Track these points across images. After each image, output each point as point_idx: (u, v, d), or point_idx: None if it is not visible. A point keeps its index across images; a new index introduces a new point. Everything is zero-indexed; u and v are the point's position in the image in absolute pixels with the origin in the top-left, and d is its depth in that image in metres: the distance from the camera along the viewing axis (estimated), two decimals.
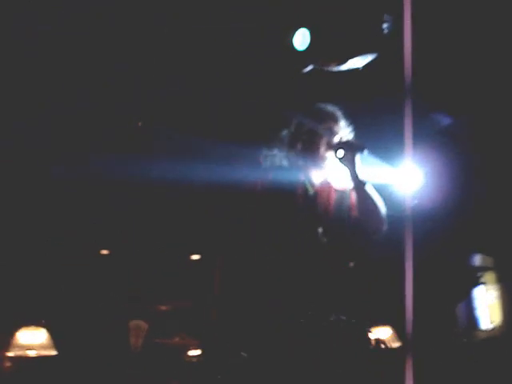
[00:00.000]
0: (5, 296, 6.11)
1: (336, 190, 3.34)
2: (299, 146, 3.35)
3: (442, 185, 6.79)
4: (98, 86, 5.20)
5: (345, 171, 3.29)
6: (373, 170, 6.27)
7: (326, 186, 3.33)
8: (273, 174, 3.26)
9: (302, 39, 3.85)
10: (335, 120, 3.36)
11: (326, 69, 4.04)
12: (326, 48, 3.85)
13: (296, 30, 3.84)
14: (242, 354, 3.15)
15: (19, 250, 6.31)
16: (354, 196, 3.29)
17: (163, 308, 7.93)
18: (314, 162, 3.33)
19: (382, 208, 3.29)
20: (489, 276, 9.85)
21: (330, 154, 3.30)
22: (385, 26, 3.68)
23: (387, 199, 6.59)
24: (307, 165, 3.33)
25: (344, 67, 3.99)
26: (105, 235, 7.11)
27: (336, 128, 3.35)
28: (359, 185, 3.26)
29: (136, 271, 7.41)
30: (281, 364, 3.09)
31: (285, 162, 3.36)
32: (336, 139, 3.31)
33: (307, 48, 3.85)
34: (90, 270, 7.12)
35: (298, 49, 3.92)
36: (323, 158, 3.32)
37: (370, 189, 3.27)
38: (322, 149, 3.31)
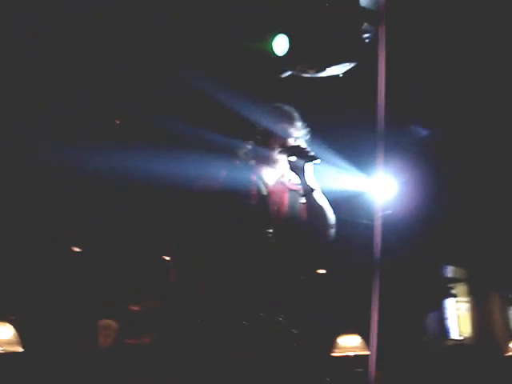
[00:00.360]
0: None
1: (289, 190, 3.31)
2: (251, 144, 3.31)
3: (415, 195, 6.83)
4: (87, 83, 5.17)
5: (295, 175, 3.26)
6: (347, 178, 6.31)
7: (280, 186, 3.30)
8: (227, 171, 3.22)
9: (281, 45, 3.85)
10: (291, 120, 3.32)
11: (304, 75, 4.05)
12: (305, 55, 3.85)
13: (276, 35, 3.85)
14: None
15: None
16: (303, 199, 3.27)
17: (133, 308, 7.90)
18: (267, 162, 3.30)
19: (331, 214, 3.28)
20: (460, 288, 9.95)
21: (282, 156, 3.26)
22: (366, 35, 3.69)
23: (360, 207, 6.64)
24: (260, 164, 3.30)
25: (322, 74, 4.00)
26: (77, 232, 7.06)
27: (291, 129, 3.31)
28: (308, 191, 3.23)
29: (107, 270, 7.37)
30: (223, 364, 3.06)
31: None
32: (290, 141, 3.28)
33: (286, 54, 3.85)
34: (61, 266, 7.07)
35: (277, 54, 3.92)
36: (276, 159, 3.29)
37: (318, 195, 3.24)
38: (275, 149, 3.27)
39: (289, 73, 4.01)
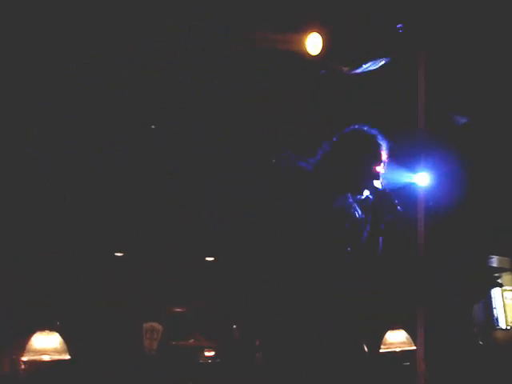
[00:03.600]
0: (19, 300, 6.10)
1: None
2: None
3: (457, 186, 6.73)
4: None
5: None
6: (390, 172, 6.22)
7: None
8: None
9: (314, 44, 3.80)
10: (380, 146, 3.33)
11: (339, 73, 4.00)
12: (339, 52, 3.80)
13: (309, 35, 3.80)
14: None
15: (33, 253, 6.30)
16: None
17: (178, 310, 7.91)
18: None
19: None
20: (506, 277, 9.80)
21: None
22: (398, 30, 3.63)
23: (406, 201, 6.55)
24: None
25: (358, 71, 3.95)
26: (119, 237, 7.09)
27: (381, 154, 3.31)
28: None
29: (150, 273, 7.39)
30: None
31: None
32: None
33: (320, 53, 3.80)
34: (104, 272, 7.11)
35: (310, 53, 3.87)
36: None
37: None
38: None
39: (324, 71, 3.97)
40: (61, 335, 5.96)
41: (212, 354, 7.68)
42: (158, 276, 7.39)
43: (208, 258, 7.80)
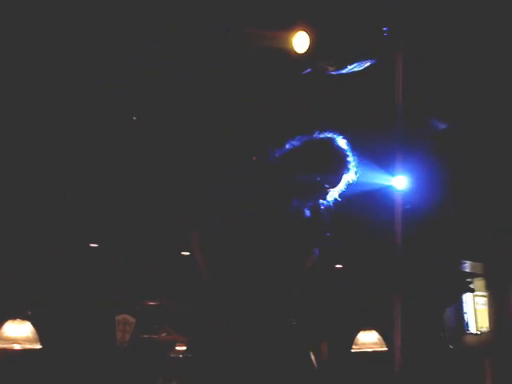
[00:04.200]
0: None
1: None
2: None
3: (432, 190, 6.79)
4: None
5: None
6: (366, 174, 6.25)
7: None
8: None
9: (301, 42, 3.81)
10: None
11: (324, 72, 4.01)
12: (326, 52, 3.81)
13: (296, 32, 3.81)
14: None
15: (5, 242, 6.25)
16: None
17: (151, 303, 7.89)
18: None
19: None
20: (478, 282, 9.89)
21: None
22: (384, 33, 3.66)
23: (380, 203, 6.60)
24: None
25: (342, 71, 3.97)
26: (95, 228, 7.05)
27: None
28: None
29: (125, 265, 7.36)
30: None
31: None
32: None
33: (306, 51, 3.81)
34: (78, 262, 7.06)
35: (297, 51, 3.88)
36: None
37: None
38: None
39: (309, 70, 3.98)
40: (32, 324, 5.92)
41: (184, 348, 7.68)
42: (133, 268, 7.36)
43: (184, 253, 7.79)
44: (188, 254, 7.77)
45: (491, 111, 5.89)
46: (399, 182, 6.77)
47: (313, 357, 3.12)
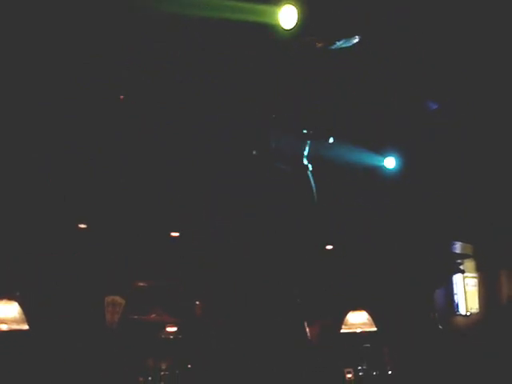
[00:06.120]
0: None
1: None
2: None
3: (424, 171, 6.78)
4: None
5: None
6: (358, 155, 6.25)
7: None
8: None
9: (288, 17, 3.75)
10: None
11: (313, 47, 3.97)
12: (315, 27, 3.76)
13: (283, 7, 3.75)
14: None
15: None
16: None
17: (141, 284, 7.86)
18: None
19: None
20: (468, 264, 9.92)
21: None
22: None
23: (372, 185, 6.59)
24: None
25: (331, 47, 3.92)
26: (84, 209, 7.00)
27: None
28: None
29: (115, 245, 7.32)
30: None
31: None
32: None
33: (294, 26, 3.76)
34: (67, 243, 7.02)
35: (284, 27, 3.82)
36: None
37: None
38: None
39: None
40: (20, 305, 5.88)
41: (174, 329, 7.66)
42: (123, 249, 7.32)
43: (173, 234, 7.75)
44: (177, 235, 7.75)
45: (483, 91, 5.87)
46: (390, 162, 6.76)
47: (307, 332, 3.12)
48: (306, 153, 3.15)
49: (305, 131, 3.12)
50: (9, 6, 4.34)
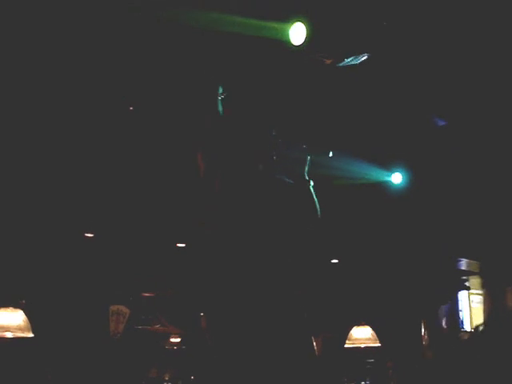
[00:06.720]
0: None
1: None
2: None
3: (430, 187, 6.78)
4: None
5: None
6: (365, 170, 6.25)
7: None
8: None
9: (298, 34, 3.77)
10: None
11: (322, 63, 3.99)
12: (323, 44, 3.78)
13: (292, 24, 3.78)
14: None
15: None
16: None
17: (146, 294, 7.89)
18: None
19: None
20: (474, 280, 9.89)
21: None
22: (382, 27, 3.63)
23: (379, 200, 6.60)
24: None
25: (340, 64, 3.95)
26: (90, 218, 7.03)
27: None
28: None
29: (120, 255, 7.35)
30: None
31: None
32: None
33: (303, 43, 3.78)
34: (73, 251, 7.05)
35: (293, 43, 3.85)
36: None
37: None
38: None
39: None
40: (25, 313, 5.90)
41: (178, 340, 7.68)
42: (128, 259, 7.34)
43: (179, 244, 7.77)
44: (183, 245, 7.77)
45: (490, 108, 5.87)
46: (397, 178, 6.77)
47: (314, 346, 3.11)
48: (306, 168, 3.16)
49: (304, 146, 3.13)
50: (9, 5, 4.36)
